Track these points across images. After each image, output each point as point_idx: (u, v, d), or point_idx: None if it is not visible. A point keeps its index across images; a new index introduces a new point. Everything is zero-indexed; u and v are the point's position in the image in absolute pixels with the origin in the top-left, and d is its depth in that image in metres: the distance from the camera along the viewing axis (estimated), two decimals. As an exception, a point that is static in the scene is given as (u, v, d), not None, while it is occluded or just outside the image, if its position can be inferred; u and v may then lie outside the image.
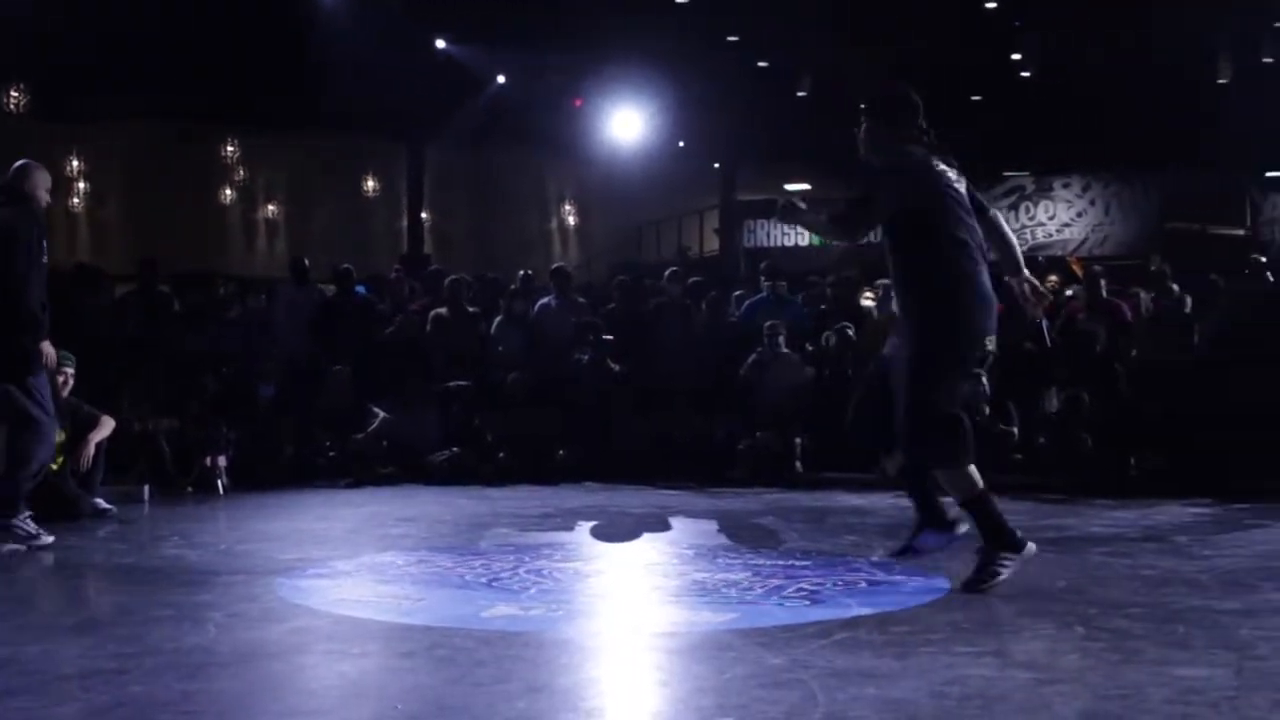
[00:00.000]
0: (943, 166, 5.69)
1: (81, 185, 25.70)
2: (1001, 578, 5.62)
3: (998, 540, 5.65)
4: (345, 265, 13.60)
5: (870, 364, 6.05)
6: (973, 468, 5.60)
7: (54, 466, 8.77)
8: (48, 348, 7.45)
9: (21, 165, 7.64)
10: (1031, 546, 5.73)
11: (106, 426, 9.07)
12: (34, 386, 7.43)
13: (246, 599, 5.78)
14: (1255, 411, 10.23)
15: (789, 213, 5.78)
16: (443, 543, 7.71)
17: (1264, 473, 9.95)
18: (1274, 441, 10.08)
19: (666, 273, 13.15)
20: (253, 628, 5.20)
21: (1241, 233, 21.51)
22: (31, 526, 7.48)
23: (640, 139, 25.02)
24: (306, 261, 13.78)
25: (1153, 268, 13.82)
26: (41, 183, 7.64)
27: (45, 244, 7.54)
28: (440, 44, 23.69)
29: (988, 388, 11.17)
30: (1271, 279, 11.14)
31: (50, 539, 7.50)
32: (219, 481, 10.55)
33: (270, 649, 4.83)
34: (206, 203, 26.88)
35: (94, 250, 23.98)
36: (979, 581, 5.62)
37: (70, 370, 8.86)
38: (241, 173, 27.50)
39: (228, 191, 27.51)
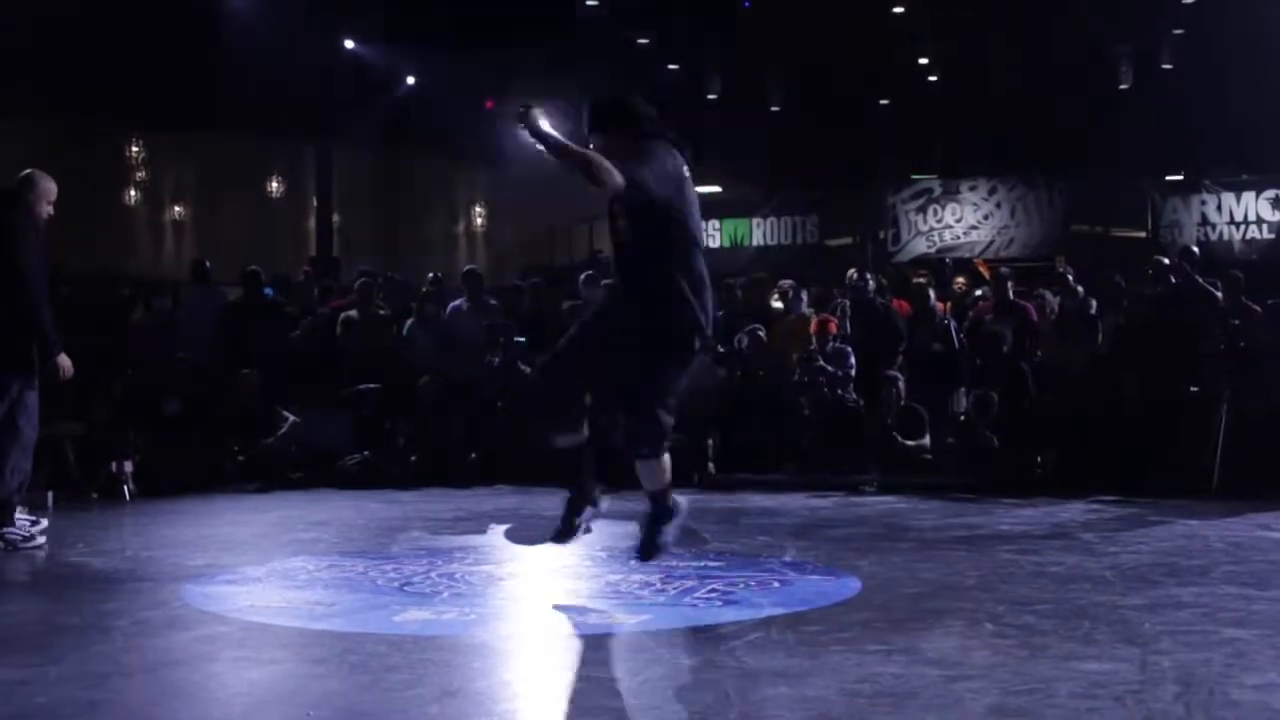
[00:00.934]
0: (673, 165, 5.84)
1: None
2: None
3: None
4: (253, 267, 13.44)
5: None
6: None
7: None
8: (64, 360, 7.43)
9: (28, 174, 7.59)
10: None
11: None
12: (29, 400, 7.38)
13: (153, 606, 5.70)
14: (1155, 410, 10.44)
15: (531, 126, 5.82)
16: (354, 547, 7.65)
17: (1165, 470, 10.15)
18: (1173, 439, 10.30)
19: (582, 276, 13.12)
20: (160, 635, 5.13)
21: (1143, 235, 21.89)
22: (26, 528, 7.43)
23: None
24: (208, 263, 13.61)
25: (1058, 269, 14.02)
26: (45, 194, 7.57)
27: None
28: (349, 43, 23.49)
29: (902, 392, 11.32)
30: (1174, 280, 11.33)
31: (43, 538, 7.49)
32: (125, 488, 10.36)
33: (178, 657, 4.77)
34: (111, 204, 26.44)
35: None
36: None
37: None
38: (147, 173, 27.08)
39: (132, 192, 27.08)
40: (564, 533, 5.90)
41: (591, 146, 5.79)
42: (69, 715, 3.91)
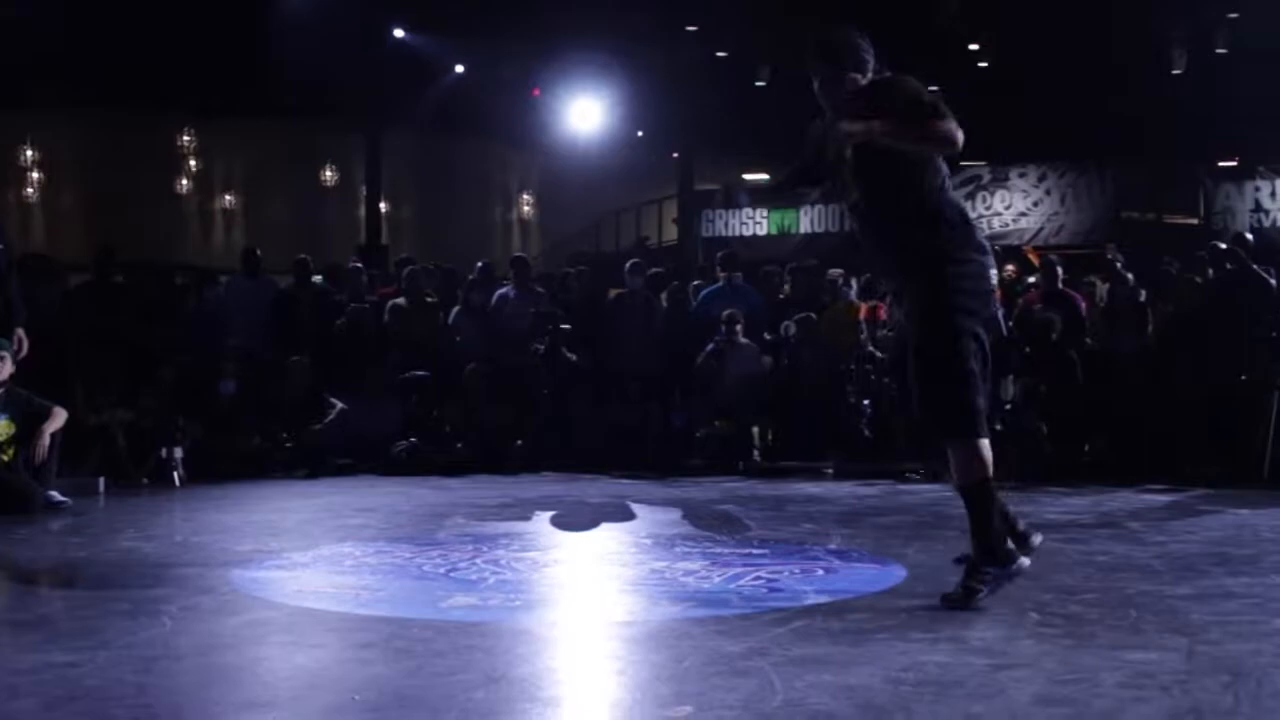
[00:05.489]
0: None
1: (35, 175, 25.45)
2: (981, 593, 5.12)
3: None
4: (302, 256, 13.53)
5: None
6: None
7: (5, 459, 8.72)
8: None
9: None
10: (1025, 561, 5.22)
11: (59, 418, 8.98)
12: None
13: (202, 591, 5.74)
14: (1206, 398, 10.35)
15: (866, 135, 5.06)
16: (400, 533, 7.69)
17: (1216, 458, 10.06)
18: (1224, 428, 10.21)
19: (628, 265, 13.14)
20: (208, 620, 5.17)
21: (1195, 222, 21.68)
22: None
23: (599, 129, 25.00)
24: (258, 252, 13.68)
25: (1108, 256, 13.91)
26: None
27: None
28: (398, 33, 23.58)
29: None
30: (1228, 266, 11.22)
31: None
32: (175, 474, 10.46)
33: (226, 641, 4.81)
34: (163, 192, 26.68)
35: (48, 240, 23.75)
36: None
37: (7, 356, 8.74)
38: (198, 162, 27.31)
39: (184, 181, 27.31)
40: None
41: (818, 84, 5.30)
42: (118, 698, 3.95)
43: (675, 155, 28.04)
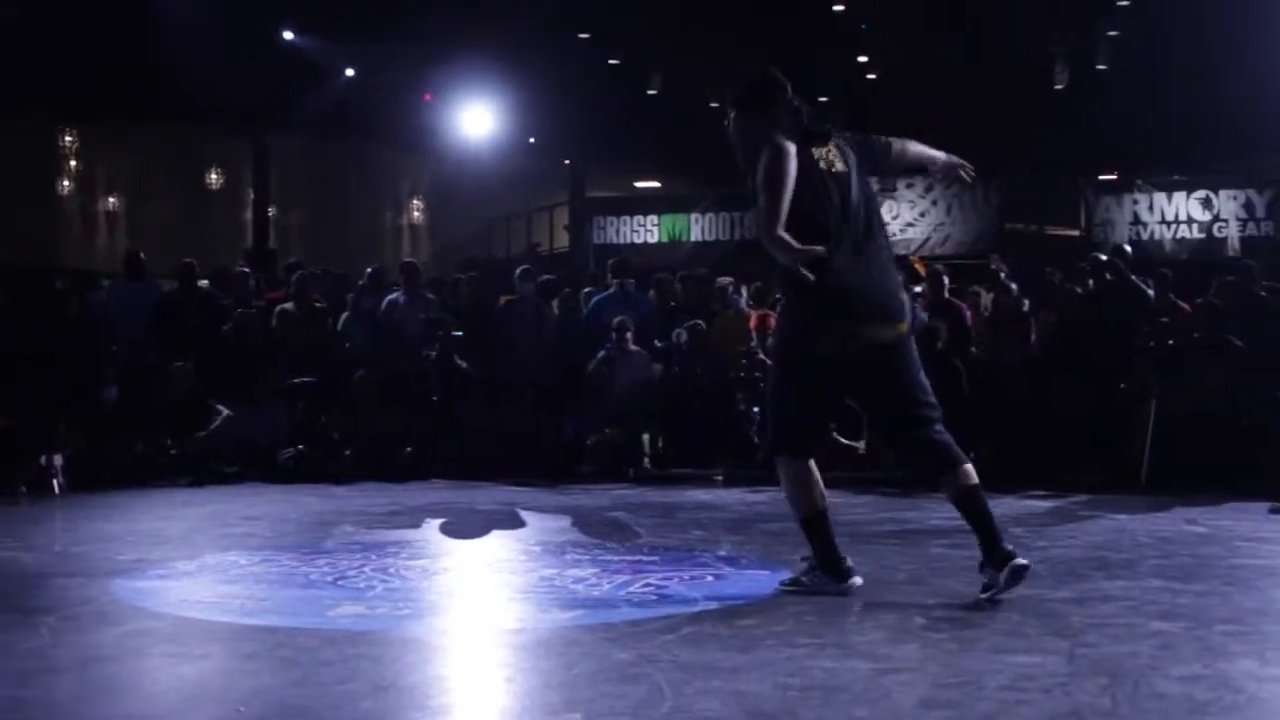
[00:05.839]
0: (813, 152, 5.43)
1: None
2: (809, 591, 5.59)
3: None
4: (188, 260, 13.31)
5: None
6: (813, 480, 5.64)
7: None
8: None
9: None
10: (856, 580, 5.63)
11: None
12: None
13: (82, 602, 5.63)
14: (1087, 407, 10.58)
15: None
16: (287, 541, 7.61)
17: (1096, 466, 10.29)
18: (1104, 436, 10.44)
19: (518, 271, 13.11)
20: (88, 631, 5.07)
21: (1077, 233, 22.17)
22: None
23: (490, 134, 24.93)
24: (141, 255, 13.44)
25: (993, 267, 14.16)
26: None
27: None
28: (287, 35, 23.30)
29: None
30: (1107, 278, 11.47)
31: None
32: (55, 482, 10.24)
33: (107, 652, 4.72)
34: (44, 193, 26.09)
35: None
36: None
37: None
38: (80, 163, 26.76)
39: (66, 182, 26.75)
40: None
41: (732, 119, 5.64)
42: (-6, 711, 3.87)
43: (567, 162, 28.05)
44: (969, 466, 5.57)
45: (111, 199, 27.35)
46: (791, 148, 5.34)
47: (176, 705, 4.08)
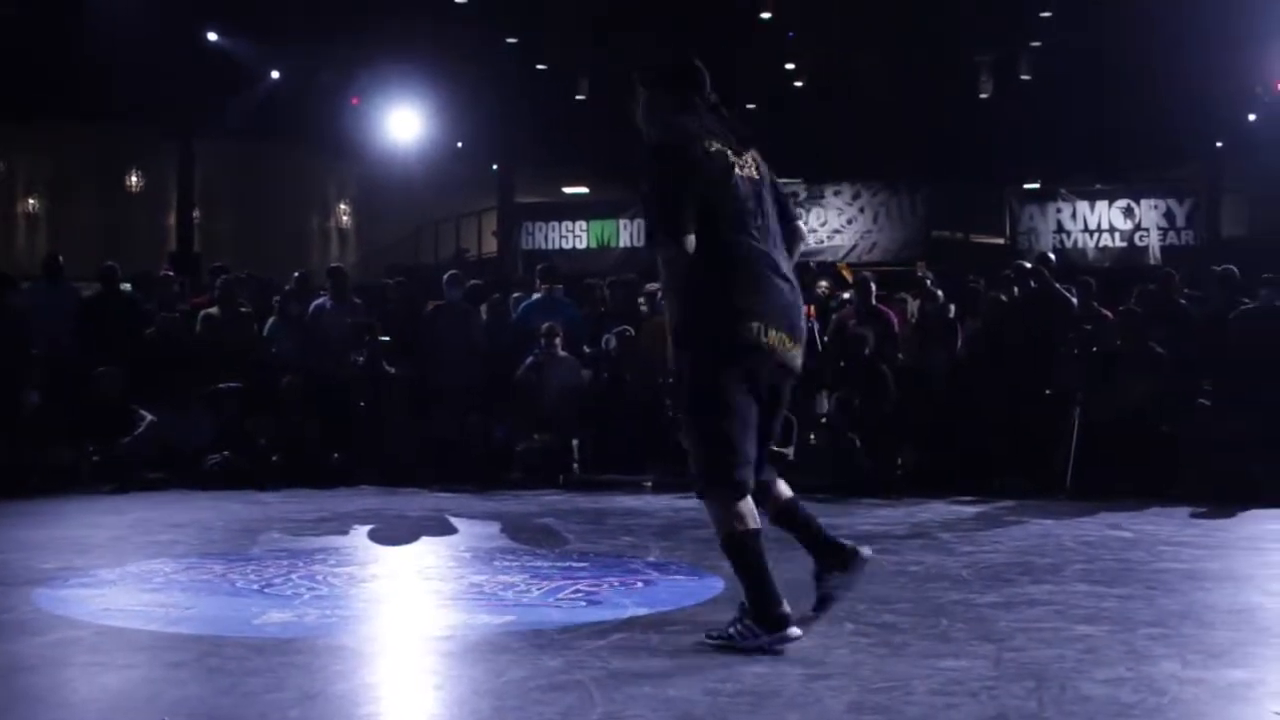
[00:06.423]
0: (718, 147, 4.90)
1: None
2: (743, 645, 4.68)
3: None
4: (109, 263, 13.12)
5: None
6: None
7: None
8: None
9: None
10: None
11: None
12: None
13: (2, 611, 5.55)
14: (1012, 413, 10.69)
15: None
16: (213, 549, 7.52)
17: (1021, 471, 10.40)
18: (1029, 441, 10.55)
19: (446, 276, 13.04)
20: (9, 641, 4.99)
21: (1002, 241, 22.44)
22: None
23: (418, 139, 24.82)
24: (60, 258, 13.23)
25: (919, 274, 14.28)
26: None
27: None
28: (211, 36, 23.05)
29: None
30: (1031, 285, 11.60)
31: None
32: (-27, 488, 10.07)
33: (28, 662, 4.64)
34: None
35: None
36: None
37: None
38: (-1, 164, 26.35)
39: (-18, 184, 26.34)
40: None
41: (641, 98, 5.24)
42: (-88, 723, 3.80)
43: (495, 167, 27.97)
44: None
45: (31, 200, 26.95)
46: (703, 138, 4.88)
47: (100, 715, 4.03)
